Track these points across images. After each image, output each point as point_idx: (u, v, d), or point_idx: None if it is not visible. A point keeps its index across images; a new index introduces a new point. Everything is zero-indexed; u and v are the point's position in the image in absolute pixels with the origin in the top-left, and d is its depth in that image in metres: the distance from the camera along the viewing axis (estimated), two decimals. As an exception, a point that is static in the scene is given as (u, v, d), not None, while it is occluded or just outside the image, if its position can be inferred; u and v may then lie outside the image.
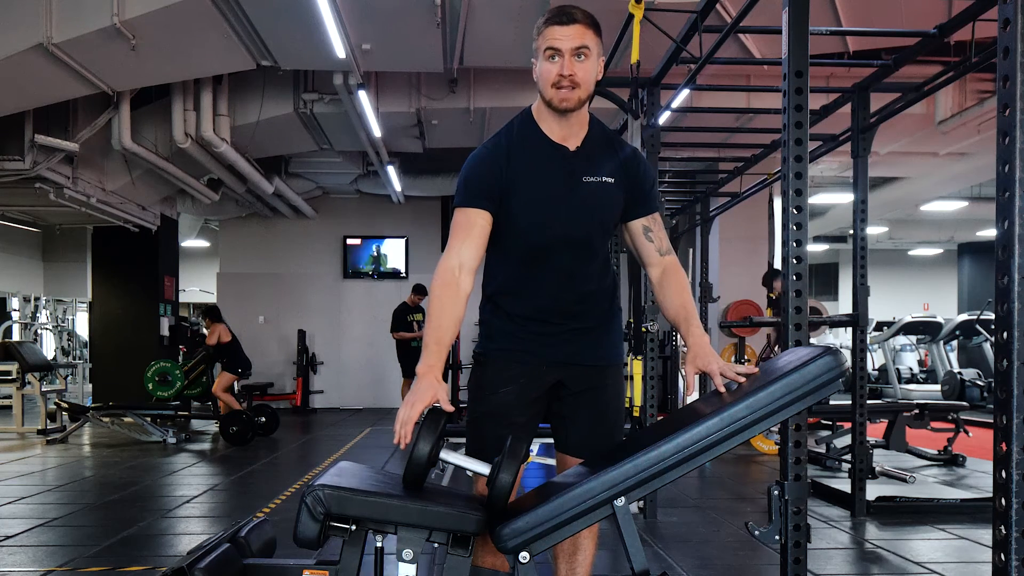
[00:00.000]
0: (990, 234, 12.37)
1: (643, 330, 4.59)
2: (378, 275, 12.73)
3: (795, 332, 2.67)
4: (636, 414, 4.66)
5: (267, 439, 8.41)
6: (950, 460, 6.51)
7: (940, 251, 18.98)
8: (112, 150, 8.02)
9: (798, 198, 2.69)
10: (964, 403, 7.11)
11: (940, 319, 12.82)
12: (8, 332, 12.81)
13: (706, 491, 5.62)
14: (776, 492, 2.15)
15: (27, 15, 5.57)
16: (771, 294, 7.91)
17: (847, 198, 11.44)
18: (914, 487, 5.31)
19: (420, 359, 2.00)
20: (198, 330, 11.85)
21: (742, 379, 1.96)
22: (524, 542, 1.79)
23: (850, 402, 4.75)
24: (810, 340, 2.85)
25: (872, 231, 15.22)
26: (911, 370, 14.65)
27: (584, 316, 2.19)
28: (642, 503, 4.56)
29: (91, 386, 11.46)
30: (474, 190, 2.10)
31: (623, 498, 1.78)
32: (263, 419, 8.55)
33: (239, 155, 8.61)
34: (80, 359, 13.47)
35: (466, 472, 1.98)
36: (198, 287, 17.47)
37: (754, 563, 3.78)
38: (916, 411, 6.45)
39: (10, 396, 9.42)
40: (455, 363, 10.04)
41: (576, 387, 2.19)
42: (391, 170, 10.17)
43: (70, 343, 15.49)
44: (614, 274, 2.29)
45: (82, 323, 16.01)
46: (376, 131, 8.30)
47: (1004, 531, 1.54)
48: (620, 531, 1.79)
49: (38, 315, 14.89)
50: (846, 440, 5.46)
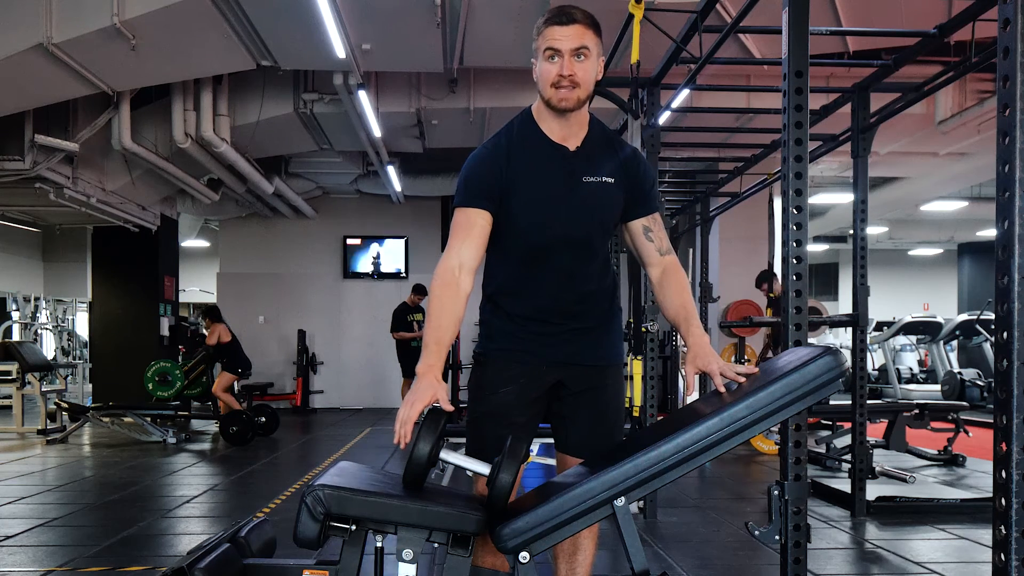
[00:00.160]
0: (990, 234, 12.37)
1: (643, 330, 4.59)
2: (378, 275, 12.73)
3: (795, 332, 2.67)
4: (636, 414, 4.66)
5: (267, 439, 8.41)
6: (950, 460, 6.51)
7: (940, 251, 18.98)
8: (112, 150, 8.02)
9: (798, 198, 2.69)
10: (964, 403, 7.11)
11: (940, 319, 12.82)
12: (8, 332, 12.82)
13: (706, 491, 5.62)
14: (776, 492, 2.15)
15: (27, 15, 5.57)
16: (770, 294, 7.88)
17: (847, 198, 11.44)
18: (914, 487, 5.31)
19: (420, 359, 2.00)
20: (198, 330, 11.85)
21: (742, 379, 1.96)
22: (524, 542, 1.79)
23: (850, 402, 4.76)
24: (810, 340, 2.85)
25: (872, 231, 15.22)
26: (911, 370, 14.66)
27: (584, 316, 2.19)
28: (642, 503, 4.55)
29: (91, 386, 11.46)
30: (474, 190, 2.11)
31: (623, 498, 1.78)
32: (263, 419, 8.56)
33: (239, 155, 8.61)
34: (80, 359, 13.47)
35: (466, 472, 1.98)
36: (198, 287, 17.47)
37: (754, 563, 3.78)
38: (916, 411, 6.45)
39: (10, 396, 9.42)
40: (455, 363, 10.04)
41: (576, 387, 2.19)
42: (391, 170, 10.17)
43: (70, 343, 15.49)
44: (614, 274, 2.29)
45: (82, 323, 16.02)
46: (376, 131, 8.30)
47: (1004, 531, 1.54)
48: (620, 531, 1.79)
49: (38, 315, 14.89)
50: (846, 440, 5.46)
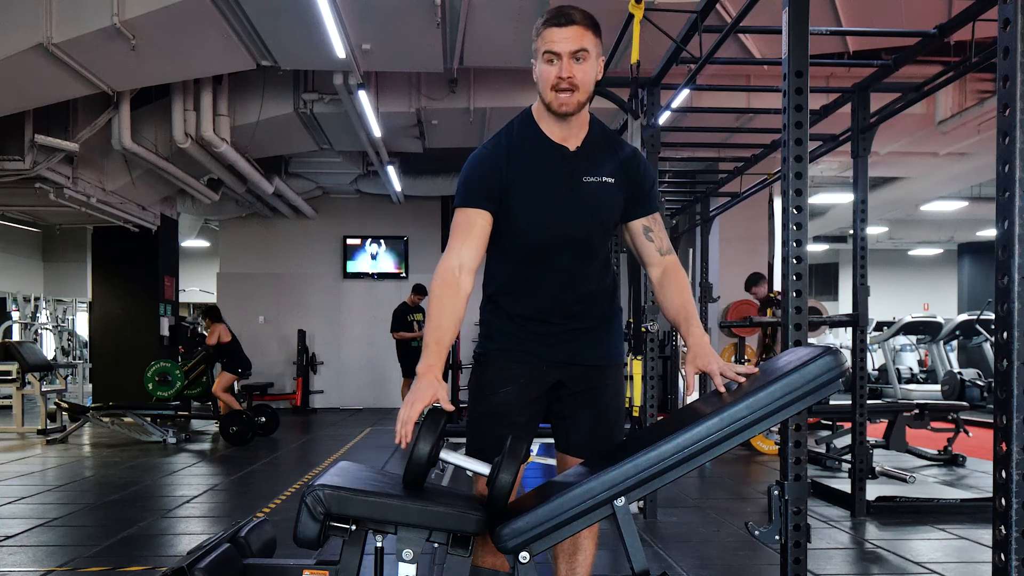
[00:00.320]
0: (990, 234, 12.37)
1: (643, 330, 4.59)
2: (378, 275, 12.73)
3: (795, 332, 2.67)
4: (636, 414, 4.66)
5: (267, 439, 8.41)
6: (950, 460, 6.51)
7: (940, 251, 18.97)
8: (112, 150, 8.02)
9: (798, 198, 2.69)
10: (964, 403, 7.11)
11: (940, 319, 12.82)
12: (8, 332, 12.81)
13: (706, 491, 5.62)
14: (776, 492, 2.15)
15: (27, 15, 5.57)
16: (758, 298, 7.82)
17: (847, 198, 11.44)
18: (914, 487, 5.31)
19: (420, 359, 2.00)
20: (198, 330, 11.85)
21: (742, 379, 1.96)
22: (524, 542, 1.79)
23: (850, 402, 4.75)
24: (810, 340, 2.85)
25: (872, 231, 15.22)
26: (911, 370, 14.65)
27: (584, 316, 2.19)
28: (642, 503, 4.55)
29: (91, 386, 11.46)
30: (474, 190, 2.10)
31: (623, 498, 1.78)
32: (263, 419, 8.56)
33: (239, 155, 8.61)
34: (80, 359, 13.47)
35: (466, 472, 1.98)
36: (198, 287, 17.47)
37: (754, 563, 3.78)
38: (916, 411, 6.45)
39: (10, 396, 9.42)
40: (455, 363, 10.04)
41: (576, 387, 2.19)
42: (391, 170, 10.17)
43: (70, 343, 15.50)
44: (614, 274, 2.29)
45: (82, 323, 16.02)
46: (376, 131, 8.29)
47: (1004, 531, 1.54)
48: (620, 531, 1.79)
49: (38, 315, 14.89)
50: (846, 440, 5.46)
